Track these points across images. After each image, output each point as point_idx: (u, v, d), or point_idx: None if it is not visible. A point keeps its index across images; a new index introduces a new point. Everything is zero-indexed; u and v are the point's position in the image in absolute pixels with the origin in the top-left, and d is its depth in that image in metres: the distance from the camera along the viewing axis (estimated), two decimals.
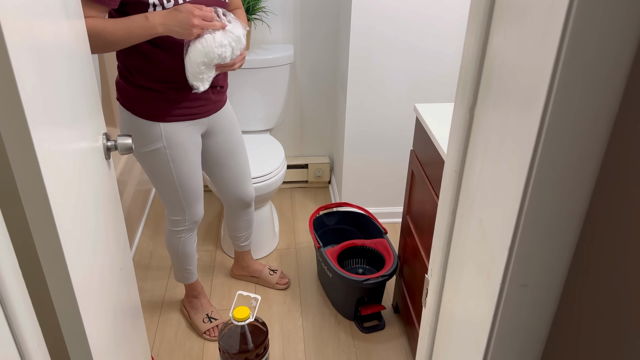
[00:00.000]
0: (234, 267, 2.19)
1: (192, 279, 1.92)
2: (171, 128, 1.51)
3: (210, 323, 1.92)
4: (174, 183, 1.60)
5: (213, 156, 1.73)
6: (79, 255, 0.91)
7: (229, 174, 1.78)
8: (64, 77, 0.89)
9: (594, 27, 0.47)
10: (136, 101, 1.47)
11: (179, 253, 1.81)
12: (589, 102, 0.50)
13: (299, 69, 2.59)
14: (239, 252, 2.13)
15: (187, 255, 1.83)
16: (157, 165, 1.56)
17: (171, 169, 1.57)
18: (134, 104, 1.47)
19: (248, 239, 2.07)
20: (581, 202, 0.57)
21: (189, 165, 1.60)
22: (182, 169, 1.58)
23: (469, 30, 0.70)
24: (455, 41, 2.16)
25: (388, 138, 2.36)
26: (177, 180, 1.60)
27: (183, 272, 1.88)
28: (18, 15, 0.71)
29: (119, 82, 1.50)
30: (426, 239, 1.59)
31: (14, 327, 0.67)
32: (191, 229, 1.76)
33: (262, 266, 2.17)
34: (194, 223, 1.75)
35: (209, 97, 1.55)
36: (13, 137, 0.72)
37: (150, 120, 1.48)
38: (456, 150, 0.76)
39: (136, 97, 1.47)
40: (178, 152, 1.55)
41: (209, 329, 1.91)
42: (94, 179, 1.03)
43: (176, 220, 1.72)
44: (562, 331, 0.65)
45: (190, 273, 1.90)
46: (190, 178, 1.62)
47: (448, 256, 0.83)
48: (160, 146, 1.52)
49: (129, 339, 1.27)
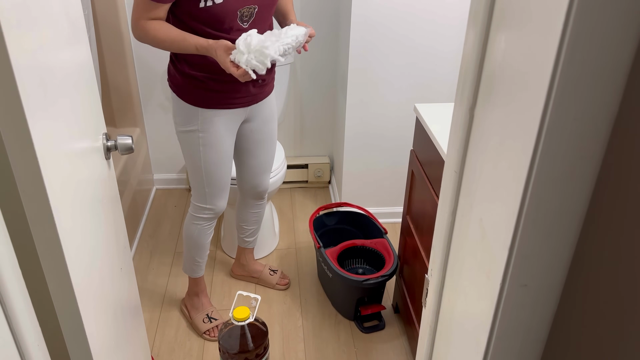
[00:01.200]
0: (235, 266, 2.19)
1: (199, 272, 1.92)
2: (208, 114, 1.58)
3: (210, 323, 1.92)
4: (201, 168, 1.65)
5: (244, 142, 1.77)
6: (79, 255, 0.91)
7: (253, 162, 1.82)
8: (63, 77, 0.89)
9: (594, 27, 0.47)
10: (180, 86, 1.57)
11: (192, 241, 1.82)
12: (589, 102, 0.50)
13: (299, 69, 2.59)
14: (241, 249, 2.12)
15: (200, 246, 1.84)
16: (189, 147, 1.63)
17: (200, 152, 1.62)
18: (178, 88, 1.58)
19: (254, 235, 2.08)
20: (581, 202, 0.57)
21: (219, 152, 1.64)
22: (211, 155, 1.63)
23: (469, 30, 0.70)
24: (455, 41, 2.16)
25: (388, 138, 2.36)
26: (204, 165, 1.64)
27: (192, 264, 1.89)
28: (18, 14, 0.71)
29: (169, 67, 1.61)
30: (426, 239, 1.59)
31: (14, 327, 0.67)
32: (210, 219, 1.78)
33: (263, 266, 2.17)
34: (214, 214, 1.77)
35: (248, 89, 1.61)
36: (13, 137, 0.72)
37: (189, 104, 1.57)
38: (456, 150, 0.76)
39: (180, 83, 1.56)
40: (211, 138, 1.61)
41: (208, 329, 1.91)
42: (94, 179, 1.03)
43: (198, 207, 1.75)
44: (562, 331, 0.65)
45: (198, 266, 1.90)
46: (217, 166, 1.66)
47: (448, 256, 0.83)
48: (195, 128, 1.59)
49: (129, 339, 1.27)
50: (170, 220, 2.57)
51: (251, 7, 1.46)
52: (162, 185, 2.83)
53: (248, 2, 1.44)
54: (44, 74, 0.79)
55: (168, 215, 2.61)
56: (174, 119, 1.63)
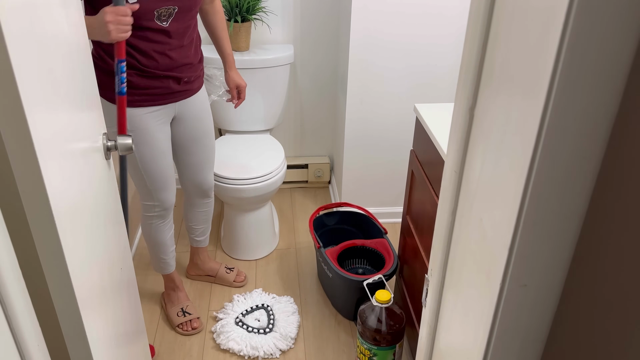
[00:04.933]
0: (189, 267, 2.19)
1: (168, 269, 1.92)
2: (134, 112, 1.56)
3: (184, 317, 1.93)
4: (138, 166, 1.64)
5: (179, 141, 1.76)
6: (79, 255, 0.91)
7: (192, 159, 1.81)
8: (63, 77, 0.89)
9: (594, 27, 0.47)
10: (103, 85, 1.49)
11: (152, 240, 1.83)
12: (589, 102, 0.50)
13: (299, 69, 2.59)
14: (195, 249, 2.12)
15: (160, 244, 1.84)
16: None
17: (134, 152, 1.60)
18: (101, 88, 1.49)
19: (204, 234, 2.06)
20: (581, 202, 0.57)
21: (153, 149, 1.63)
22: (145, 152, 1.62)
23: (469, 30, 0.70)
24: (455, 41, 2.16)
25: (388, 138, 2.36)
26: (141, 164, 1.63)
27: (158, 262, 1.89)
28: (17, 13, 0.71)
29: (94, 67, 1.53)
30: (426, 239, 1.59)
31: (14, 327, 0.67)
32: (162, 215, 1.78)
33: (219, 264, 2.17)
34: (164, 210, 1.76)
35: (169, 86, 1.60)
36: (13, 137, 0.72)
37: (112, 104, 1.52)
38: (456, 150, 0.76)
39: (103, 82, 1.50)
40: (141, 136, 1.59)
41: (182, 323, 1.93)
42: (94, 179, 1.03)
43: (147, 205, 1.75)
44: (562, 331, 0.65)
45: (165, 263, 1.90)
46: (154, 162, 1.65)
47: (448, 256, 0.83)
48: None
49: (129, 339, 1.27)
50: None
51: (170, 7, 1.47)
52: None
53: (167, 2, 1.45)
54: (44, 73, 0.79)
55: None
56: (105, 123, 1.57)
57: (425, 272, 1.58)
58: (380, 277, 1.80)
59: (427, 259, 1.58)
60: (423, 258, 1.61)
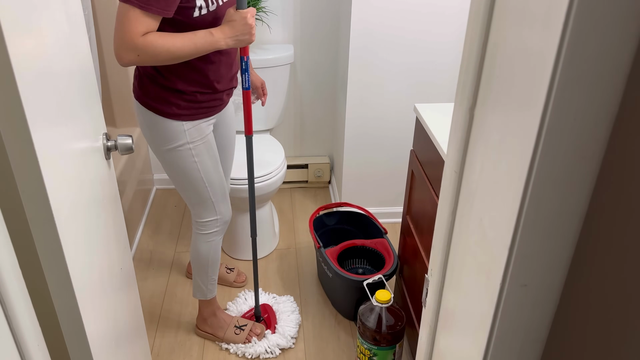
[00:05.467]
0: (190, 266, 2.15)
1: (215, 291, 1.84)
2: (192, 124, 1.53)
3: (243, 332, 1.87)
4: (201, 179, 1.59)
5: None
6: (79, 255, 0.91)
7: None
8: (64, 77, 0.89)
9: (594, 27, 0.47)
10: (161, 101, 1.47)
11: (209, 260, 1.75)
12: (589, 102, 0.50)
13: (299, 69, 2.59)
14: None
15: (216, 261, 1.78)
16: (182, 163, 1.56)
17: (197, 163, 1.56)
18: (158, 103, 1.48)
19: None
20: (581, 202, 0.57)
21: (213, 157, 1.61)
22: (207, 162, 1.59)
23: (469, 30, 0.70)
24: (455, 41, 2.16)
25: (388, 138, 2.36)
26: (204, 176, 1.59)
27: (208, 284, 1.81)
28: (18, 15, 0.71)
29: (143, 83, 1.49)
30: (426, 239, 1.59)
31: (14, 327, 0.67)
32: (222, 230, 1.73)
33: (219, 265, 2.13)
34: (224, 223, 1.72)
35: (223, 97, 1.59)
36: (13, 137, 0.72)
37: (172, 120, 1.50)
38: (456, 150, 0.76)
39: (162, 97, 1.47)
40: (202, 146, 1.56)
41: (246, 337, 1.87)
42: (94, 179, 1.03)
43: (207, 223, 1.69)
44: (562, 331, 0.65)
45: (214, 284, 1.82)
46: (216, 171, 1.63)
47: (448, 256, 0.83)
48: (184, 142, 1.53)
49: (129, 339, 1.27)
50: (170, 220, 2.57)
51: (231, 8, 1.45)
52: (162, 185, 2.83)
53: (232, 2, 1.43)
54: (44, 74, 0.79)
55: (168, 215, 2.61)
56: (154, 140, 1.54)
57: (425, 272, 1.58)
58: (380, 277, 1.80)
59: (427, 259, 1.58)
60: (423, 258, 1.61)
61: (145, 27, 1.27)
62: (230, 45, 1.37)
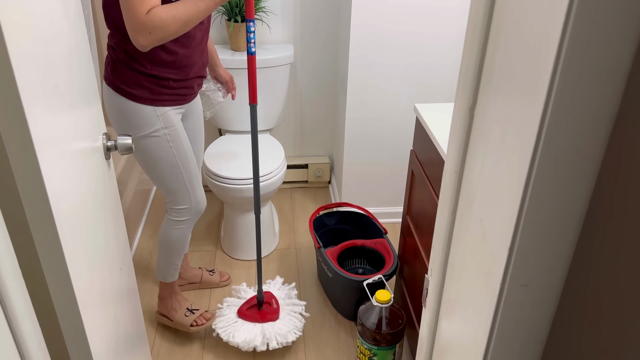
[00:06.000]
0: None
1: (176, 275, 1.87)
2: (165, 111, 1.55)
3: (193, 315, 1.89)
4: (177, 165, 1.60)
5: None
6: (79, 255, 0.91)
7: None
8: (64, 77, 0.89)
9: (594, 27, 0.47)
10: (134, 85, 1.48)
11: (175, 245, 1.78)
12: (589, 102, 0.50)
13: (299, 69, 2.59)
14: None
15: (181, 248, 1.80)
16: (157, 149, 1.56)
17: (172, 149, 1.57)
18: (131, 88, 1.48)
19: None
20: (581, 202, 0.57)
21: (187, 145, 1.62)
22: (182, 147, 1.60)
23: (469, 31, 0.70)
24: (455, 42, 2.16)
25: (388, 138, 2.36)
26: (180, 161, 1.60)
27: (170, 268, 1.83)
28: (18, 14, 0.71)
29: (116, 67, 1.48)
30: (426, 239, 1.59)
31: (14, 327, 0.67)
32: (194, 219, 1.75)
33: (200, 270, 2.12)
34: (198, 212, 1.74)
35: (193, 86, 1.62)
36: (13, 137, 0.72)
37: (146, 105, 1.50)
38: (456, 150, 0.76)
39: (135, 82, 1.48)
40: (175, 133, 1.58)
41: (195, 320, 1.88)
42: (94, 179, 1.03)
43: (181, 210, 1.70)
44: (562, 331, 0.65)
45: (176, 269, 1.85)
46: (190, 159, 1.64)
47: (448, 256, 0.83)
48: (158, 127, 1.53)
49: (129, 339, 1.27)
50: None
51: None
52: None
53: None
54: (44, 74, 0.79)
55: None
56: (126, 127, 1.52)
57: (425, 272, 1.58)
58: (380, 277, 1.80)
59: (427, 259, 1.58)
60: (423, 258, 1.61)
61: (148, 4, 1.28)
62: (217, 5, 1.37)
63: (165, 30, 1.30)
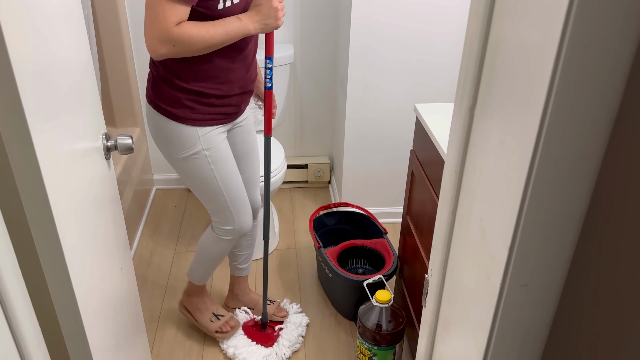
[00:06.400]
0: (228, 298, 2.04)
1: (207, 280, 1.85)
2: (207, 131, 1.49)
3: (219, 321, 1.87)
4: (218, 187, 1.55)
5: None
6: (79, 255, 0.91)
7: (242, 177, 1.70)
8: (64, 77, 0.89)
9: (594, 27, 0.47)
10: (176, 104, 1.44)
11: (214, 258, 1.74)
12: (589, 102, 0.50)
13: (299, 69, 2.59)
14: (235, 278, 1.97)
15: (219, 260, 1.76)
16: (199, 171, 1.52)
17: (213, 171, 1.52)
18: (172, 107, 1.44)
19: (247, 261, 1.93)
20: (581, 202, 0.57)
21: (230, 164, 1.56)
22: (225, 170, 1.55)
23: (469, 30, 0.70)
24: (455, 41, 2.16)
25: (388, 138, 2.36)
26: (221, 183, 1.55)
27: (204, 274, 1.81)
28: (18, 15, 0.71)
29: (157, 85, 1.46)
30: (426, 239, 1.59)
31: (14, 327, 0.67)
32: (237, 239, 1.69)
33: (259, 296, 2.03)
34: (241, 235, 1.68)
35: (239, 104, 1.56)
36: (13, 137, 0.72)
37: (187, 125, 1.46)
38: (456, 150, 0.76)
39: (177, 100, 1.44)
40: (218, 153, 1.52)
41: (220, 326, 1.86)
42: (94, 179, 1.03)
43: (225, 230, 1.65)
44: (562, 331, 0.65)
45: (210, 275, 1.83)
46: (234, 179, 1.58)
47: (448, 256, 0.83)
48: (199, 149, 1.49)
49: (129, 339, 1.27)
50: (170, 221, 2.57)
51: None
52: (162, 185, 2.83)
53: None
54: (44, 74, 0.79)
55: (168, 215, 2.61)
56: (168, 147, 1.49)
57: (425, 272, 1.58)
58: (380, 277, 1.80)
59: (427, 259, 1.58)
60: (423, 258, 1.61)
61: (179, 16, 1.26)
62: (258, 29, 1.37)
63: (189, 47, 1.29)
